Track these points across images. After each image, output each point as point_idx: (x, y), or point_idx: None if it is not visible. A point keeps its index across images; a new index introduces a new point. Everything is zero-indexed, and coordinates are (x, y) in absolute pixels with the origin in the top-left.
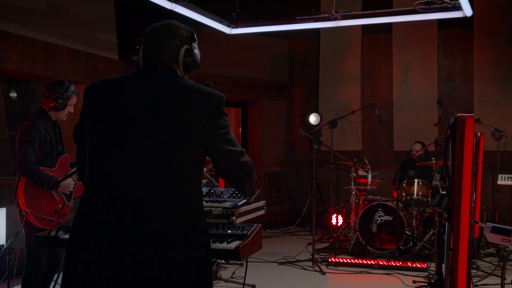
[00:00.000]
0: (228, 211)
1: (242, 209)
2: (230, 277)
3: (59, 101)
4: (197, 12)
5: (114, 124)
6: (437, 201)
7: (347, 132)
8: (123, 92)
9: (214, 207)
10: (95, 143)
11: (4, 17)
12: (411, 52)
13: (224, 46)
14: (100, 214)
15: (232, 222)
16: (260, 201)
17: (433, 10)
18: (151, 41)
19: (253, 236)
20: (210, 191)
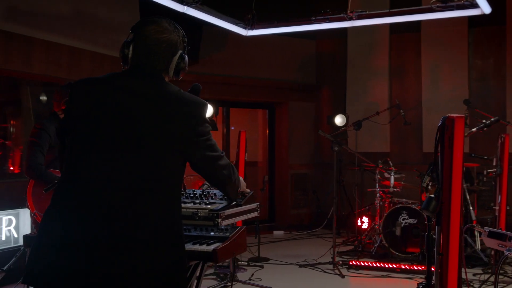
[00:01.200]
0: (214, 213)
1: (229, 211)
2: (248, 279)
3: None
4: (210, 14)
5: (95, 124)
6: (424, 205)
7: (375, 133)
8: (108, 93)
9: (200, 209)
10: (75, 141)
11: (28, 23)
12: (440, 51)
13: (250, 48)
14: (71, 215)
15: (217, 224)
16: (253, 203)
17: (450, 8)
18: (141, 41)
19: (235, 239)
20: (204, 193)
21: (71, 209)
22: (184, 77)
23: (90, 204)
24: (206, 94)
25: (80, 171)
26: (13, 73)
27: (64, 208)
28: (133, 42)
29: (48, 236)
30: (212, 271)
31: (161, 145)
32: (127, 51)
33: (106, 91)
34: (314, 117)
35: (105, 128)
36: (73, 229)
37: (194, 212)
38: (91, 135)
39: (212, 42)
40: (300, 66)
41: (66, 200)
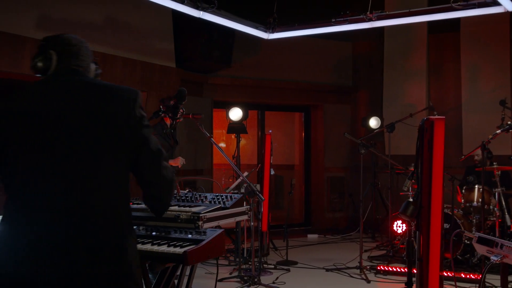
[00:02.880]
0: (195, 216)
1: (212, 214)
2: (272, 282)
3: None
4: (228, 18)
5: (35, 131)
6: (402, 209)
7: (412, 136)
8: (39, 98)
9: (183, 212)
10: (16, 151)
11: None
12: (480, 50)
13: (283, 51)
14: (25, 225)
15: (198, 226)
16: (242, 206)
17: (472, 7)
18: (61, 47)
19: (210, 242)
20: (194, 196)
21: (27, 220)
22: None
23: (46, 213)
24: (239, 98)
25: (31, 181)
26: None
27: (21, 220)
28: (50, 49)
29: (4, 248)
30: (236, 273)
31: (107, 138)
32: (42, 60)
33: (39, 96)
34: (351, 120)
35: (47, 134)
36: (30, 239)
37: (176, 214)
38: (34, 143)
39: (245, 46)
40: (336, 68)
41: (21, 209)
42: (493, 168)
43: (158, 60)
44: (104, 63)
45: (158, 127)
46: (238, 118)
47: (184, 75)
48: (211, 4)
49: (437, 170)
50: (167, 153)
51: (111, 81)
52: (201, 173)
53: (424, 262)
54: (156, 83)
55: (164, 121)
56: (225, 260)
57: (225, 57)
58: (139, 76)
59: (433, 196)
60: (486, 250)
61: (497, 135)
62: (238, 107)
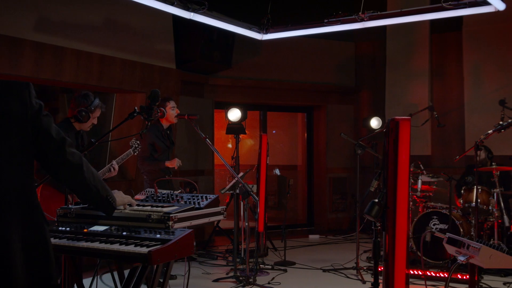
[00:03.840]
0: (165, 216)
1: (184, 214)
2: (267, 282)
3: (83, 114)
4: (220, 20)
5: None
6: (367, 209)
7: (415, 136)
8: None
9: (155, 212)
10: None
11: (59, 33)
12: (483, 50)
13: (285, 51)
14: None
15: (168, 226)
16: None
17: (463, 6)
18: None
19: (177, 242)
20: (171, 196)
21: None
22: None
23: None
24: (241, 98)
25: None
26: (44, 82)
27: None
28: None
29: None
30: (233, 273)
31: (2, 136)
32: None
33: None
34: (353, 120)
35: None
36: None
37: (148, 214)
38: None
39: (246, 47)
40: (339, 69)
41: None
42: (492, 168)
43: (158, 62)
44: (102, 65)
45: (154, 129)
46: (236, 118)
47: (184, 76)
48: (202, 6)
49: (402, 170)
50: (163, 153)
51: (110, 83)
52: (202, 173)
53: (390, 262)
54: (156, 84)
55: (160, 122)
56: (224, 261)
57: (226, 58)
58: (138, 78)
59: (399, 196)
60: (455, 250)
61: (489, 135)
62: (237, 108)
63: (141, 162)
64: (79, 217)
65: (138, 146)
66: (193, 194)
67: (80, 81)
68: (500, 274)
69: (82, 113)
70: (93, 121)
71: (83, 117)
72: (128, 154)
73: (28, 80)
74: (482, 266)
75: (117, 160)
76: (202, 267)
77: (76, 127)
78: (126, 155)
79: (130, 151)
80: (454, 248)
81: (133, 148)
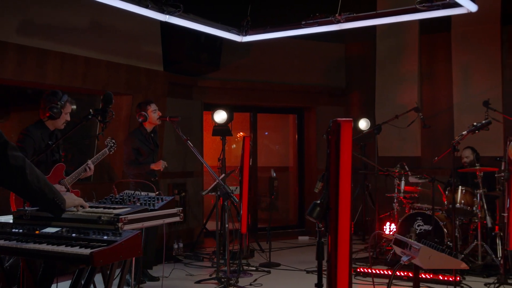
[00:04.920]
0: (115, 218)
1: (135, 215)
2: (249, 283)
3: (54, 111)
4: (198, 22)
5: None
6: (309, 210)
7: (405, 137)
8: None
9: (105, 213)
10: None
11: (43, 36)
12: (472, 51)
13: (275, 53)
14: None
15: (118, 228)
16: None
17: (436, 8)
18: None
19: (122, 243)
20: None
21: None
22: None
23: None
24: (230, 100)
25: None
26: (25, 84)
27: None
28: None
29: None
30: (214, 275)
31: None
32: None
33: None
34: None
35: None
36: None
37: (98, 216)
38: None
39: (235, 49)
40: (329, 70)
41: None
42: (476, 169)
43: (145, 64)
44: (87, 67)
45: (137, 132)
46: (222, 120)
47: (172, 78)
48: (177, 8)
49: (344, 172)
50: (148, 157)
51: (95, 85)
52: (191, 175)
53: (333, 263)
54: (142, 86)
55: (143, 126)
56: (209, 262)
57: (214, 60)
58: (124, 80)
59: (341, 197)
60: (400, 251)
61: (464, 136)
62: (222, 110)
63: (127, 166)
64: (34, 219)
65: (113, 145)
66: (152, 196)
67: (64, 83)
68: (483, 275)
69: (53, 109)
70: (66, 118)
71: (55, 113)
72: (104, 154)
73: (11, 82)
74: (422, 266)
75: (93, 160)
76: (187, 268)
77: (50, 127)
78: (102, 154)
79: (105, 150)
80: (400, 249)
81: (108, 147)
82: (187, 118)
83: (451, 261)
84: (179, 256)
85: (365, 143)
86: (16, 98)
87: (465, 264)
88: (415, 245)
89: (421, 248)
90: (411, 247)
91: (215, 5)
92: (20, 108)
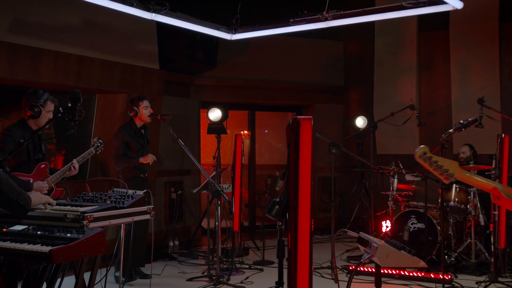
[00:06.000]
0: (80, 216)
1: (101, 213)
2: (240, 281)
3: (35, 110)
4: (185, 20)
5: None
6: (267, 208)
7: (403, 135)
8: None
9: (71, 211)
10: None
11: (35, 35)
12: (470, 48)
13: (273, 50)
14: None
15: (83, 226)
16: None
17: (422, 5)
18: None
19: (83, 241)
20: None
21: None
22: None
23: None
24: (228, 98)
25: None
26: (18, 82)
27: None
28: None
29: None
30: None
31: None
32: None
33: None
34: (343, 119)
35: None
36: None
37: (64, 214)
38: None
39: (232, 47)
40: (328, 68)
41: None
42: (470, 167)
43: (140, 62)
44: (81, 66)
45: (127, 127)
46: (217, 118)
47: (169, 76)
48: (163, 6)
49: (304, 170)
50: (137, 152)
51: (89, 83)
52: (188, 173)
53: (293, 261)
54: (138, 85)
55: (133, 121)
56: (204, 260)
57: (210, 58)
58: (118, 78)
59: (301, 195)
60: (363, 249)
61: (451, 134)
62: (217, 108)
63: (115, 160)
64: (3, 217)
65: (100, 145)
66: (124, 194)
67: (57, 81)
68: (476, 274)
69: (34, 108)
70: (48, 116)
71: (36, 112)
72: (90, 153)
73: (3, 81)
74: (380, 264)
75: (78, 159)
76: (180, 266)
77: (33, 126)
78: (88, 153)
79: (91, 149)
80: (363, 248)
81: (95, 147)
82: (185, 116)
83: (409, 259)
84: (174, 254)
85: (361, 141)
86: (15, 97)
87: (423, 262)
88: (374, 243)
89: (379, 246)
90: (371, 246)
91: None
92: (20, 107)
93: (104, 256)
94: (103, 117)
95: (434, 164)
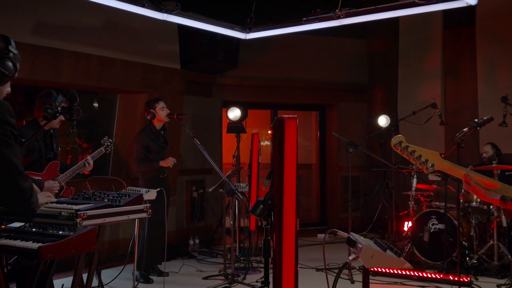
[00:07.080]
0: (74, 213)
1: (95, 212)
2: (255, 280)
3: (48, 111)
4: (198, 20)
5: None
6: (252, 208)
7: (428, 134)
8: None
9: (66, 209)
10: None
11: (57, 36)
12: (497, 45)
13: (295, 50)
14: None
15: (76, 224)
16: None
17: (435, 2)
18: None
19: (73, 238)
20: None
21: None
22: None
23: None
24: (250, 97)
25: None
26: (40, 83)
27: None
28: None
29: None
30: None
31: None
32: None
33: None
34: (367, 118)
35: None
36: None
37: (59, 212)
38: None
39: (254, 46)
40: (351, 67)
41: None
42: (492, 167)
43: (161, 62)
44: (102, 66)
45: (147, 130)
46: (236, 117)
47: (190, 76)
48: (175, 6)
49: (289, 169)
50: (157, 154)
51: (110, 84)
52: (209, 172)
53: (278, 261)
54: (158, 84)
55: (152, 123)
56: (222, 258)
57: (231, 58)
58: (139, 78)
59: (285, 195)
60: (352, 250)
61: (467, 133)
62: (236, 107)
63: (136, 164)
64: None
65: (110, 145)
66: (121, 193)
67: (79, 82)
68: (498, 276)
69: (48, 110)
70: (60, 118)
71: (49, 114)
72: (100, 152)
73: (24, 81)
74: (365, 265)
75: (92, 156)
76: (198, 264)
77: (45, 126)
78: (98, 153)
79: (101, 149)
80: (351, 249)
81: (104, 146)
82: (206, 115)
83: (394, 260)
84: (193, 252)
85: (384, 140)
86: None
87: (408, 264)
88: (359, 243)
89: (363, 247)
90: (357, 246)
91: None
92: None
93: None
94: (125, 116)
95: (412, 155)
